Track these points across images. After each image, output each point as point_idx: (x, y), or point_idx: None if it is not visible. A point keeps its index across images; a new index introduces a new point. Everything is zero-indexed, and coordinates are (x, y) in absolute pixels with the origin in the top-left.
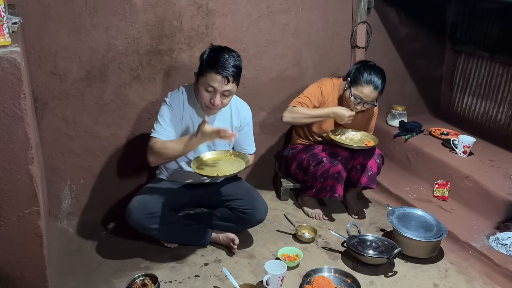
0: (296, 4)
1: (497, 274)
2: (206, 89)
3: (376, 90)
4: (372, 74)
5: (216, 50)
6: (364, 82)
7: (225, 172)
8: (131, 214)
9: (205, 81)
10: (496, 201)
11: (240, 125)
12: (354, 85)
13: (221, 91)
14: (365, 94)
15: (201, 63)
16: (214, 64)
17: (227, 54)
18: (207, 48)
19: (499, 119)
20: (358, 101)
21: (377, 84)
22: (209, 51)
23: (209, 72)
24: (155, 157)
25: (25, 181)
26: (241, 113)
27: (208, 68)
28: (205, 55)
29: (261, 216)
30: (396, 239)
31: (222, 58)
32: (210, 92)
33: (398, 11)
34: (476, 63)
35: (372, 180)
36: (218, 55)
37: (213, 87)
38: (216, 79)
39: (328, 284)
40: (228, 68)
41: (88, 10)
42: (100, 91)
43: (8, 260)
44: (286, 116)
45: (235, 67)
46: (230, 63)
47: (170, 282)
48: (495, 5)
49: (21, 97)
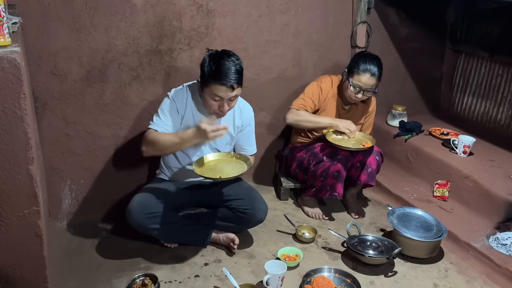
0: (296, 4)
1: (497, 274)
2: (213, 99)
3: (373, 77)
4: (368, 61)
5: (216, 58)
6: (361, 71)
7: (228, 174)
8: (131, 214)
9: (210, 91)
10: (496, 201)
11: (242, 125)
12: (351, 75)
13: (228, 98)
14: (363, 82)
15: (203, 74)
16: (217, 76)
17: (228, 62)
18: (205, 56)
19: (499, 119)
20: (357, 90)
21: (373, 71)
22: (209, 61)
23: (213, 83)
24: (148, 146)
25: (25, 181)
26: (243, 113)
27: (211, 79)
28: (205, 65)
29: (261, 216)
30: (396, 239)
31: (223, 68)
32: (217, 101)
33: (398, 11)
34: (476, 63)
35: (372, 177)
36: (219, 65)
37: (219, 96)
38: (221, 89)
39: (328, 284)
40: (231, 77)
41: (88, 10)
42: (100, 91)
43: (8, 260)
44: (290, 119)
45: (238, 73)
46: (232, 71)
47: (170, 282)
48: (495, 5)
49: (21, 97)
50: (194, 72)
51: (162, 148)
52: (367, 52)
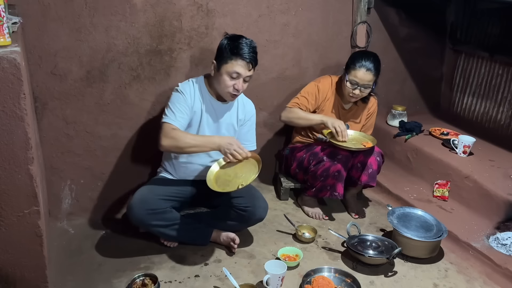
0: (296, 4)
1: (497, 274)
2: (231, 76)
3: (369, 72)
4: (364, 57)
5: (235, 38)
6: (357, 66)
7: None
8: (133, 210)
9: (230, 68)
10: (496, 201)
11: (244, 118)
12: (348, 71)
13: (245, 77)
14: (359, 77)
15: (223, 51)
16: (238, 52)
17: (247, 42)
18: (223, 38)
19: (499, 119)
20: (354, 86)
21: (369, 66)
22: (229, 40)
23: (234, 59)
24: (170, 141)
25: (25, 181)
26: (246, 107)
27: (233, 55)
28: (225, 44)
29: (261, 213)
30: (396, 239)
31: (244, 45)
32: (234, 78)
33: (398, 11)
34: (476, 63)
35: (373, 178)
36: (240, 43)
37: (238, 73)
38: (241, 65)
39: (328, 284)
40: (250, 54)
41: (88, 10)
42: (100, 91)
43: (8, 260)
44: (283, 116)
45: (255, 53)
46: (251, 50)
47: (170, 282)
48: (495, 5)
49: (21, 97)
50: (194, 72)
51: (184, 146)
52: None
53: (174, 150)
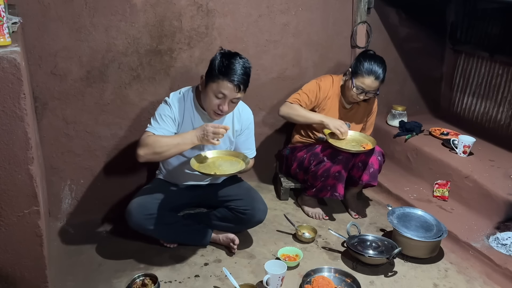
0: (296, 4)
1: (497, 274)
2: (216, 95)
3: (377, 80)
4: (373, 64)
5: (228, 56)
6: (365, 73)
7: (224, 171)
8: (131, 216)
9: (216, 87)
10: (496, 201)
11: (241, 128)
12: (355, 76)
13: (231, 99)
14: (367, 84)
15: (212, 69)
16: (227, 72)
17: (240, 62)
18: (217, 53)
19: (499, 119)
20: (360, 92)
21: (378, 74)
22: (221, 57)
23: (222, 79)
24: (146, 149)
25: (25, 181)
26: (242, 116)
27: (220, 75)
28: (216, 61)
29: (260, 216)
30: (396, 239)
31: (234, 66)
32: (220, 99)
33: (398, 11)
34: (476, 63)
35: (374, 178)
36: (231, 63)
37: (224, 94)
38: (228, 87)
39: (328, 284)
40: (240, 77)
41: (88, 10)
42: (100, 91)
43: (8, 260)
44: (282, 111)
45: (246, 75)
46: (242, 72)
47: (170, 282)
48: (495, 5)
49: (21, 97)
50: (194, 72)
51: (161, 150)
52: (372, 52)
53: (152, 157)
